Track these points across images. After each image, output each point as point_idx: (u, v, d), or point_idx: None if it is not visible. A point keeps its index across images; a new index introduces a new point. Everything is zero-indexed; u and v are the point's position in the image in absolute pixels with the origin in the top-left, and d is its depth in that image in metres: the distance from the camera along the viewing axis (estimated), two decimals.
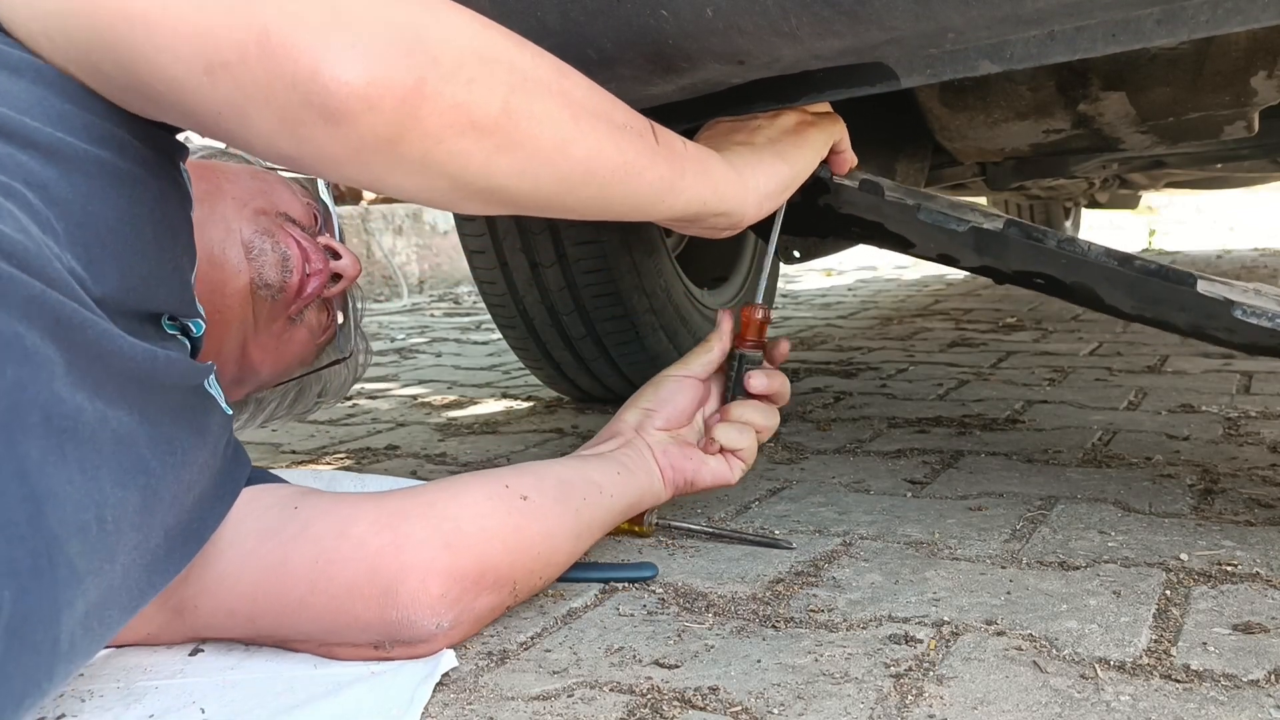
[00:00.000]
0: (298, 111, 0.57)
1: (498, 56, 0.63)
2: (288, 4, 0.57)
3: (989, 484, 1.15)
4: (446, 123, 0.60)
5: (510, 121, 0.62)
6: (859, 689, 0.68)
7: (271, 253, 0.88)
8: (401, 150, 0.60)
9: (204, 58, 0.57)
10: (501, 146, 0.63)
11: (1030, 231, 0.95)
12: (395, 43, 0.58)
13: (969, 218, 0.98)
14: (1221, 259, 4.49)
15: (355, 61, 0.57)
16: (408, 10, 0.60)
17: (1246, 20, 0.69)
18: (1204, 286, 0.88)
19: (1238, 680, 0.68)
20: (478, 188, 0.64)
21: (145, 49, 0.59)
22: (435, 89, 0.59)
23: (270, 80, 0.57)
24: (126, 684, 0.71)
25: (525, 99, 0.63)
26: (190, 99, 0.59)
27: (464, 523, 0.74)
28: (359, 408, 1.89)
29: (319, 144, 0.59)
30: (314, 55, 0.56)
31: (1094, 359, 2.02)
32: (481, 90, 0.61)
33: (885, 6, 0.71)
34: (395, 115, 0.58)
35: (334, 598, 0.72)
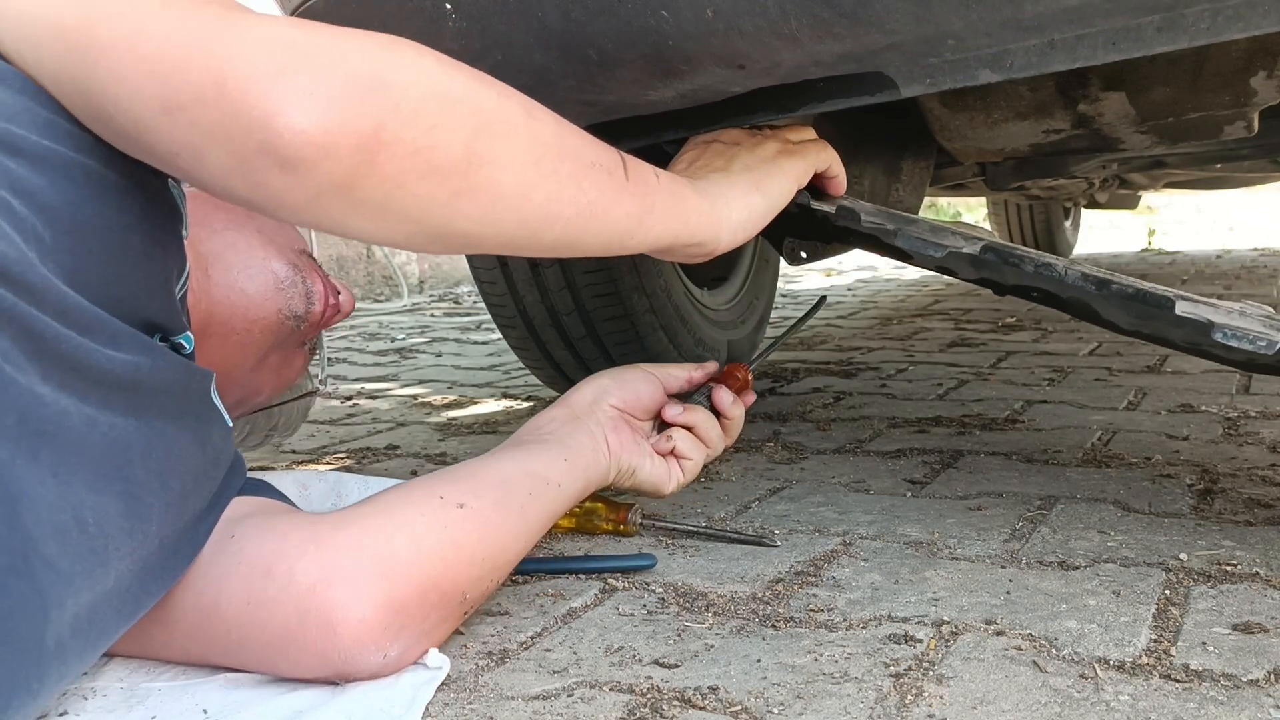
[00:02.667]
0: (253, 157, 0.57)
1: (460, 98, 0.62)
2: (246, 48, 0.57)
3: (989, 484, 1.16)
4: (406, 168, 0.60)
5: (471, 166, 0.62)
6: (859, 689, 0.68)
7: (301, 285, 0.91)
8: (358, 195, 0.59)
9: (162, 97, 0.57)
10: (462, 191, 0.62)
11: (1007, 257, 0.94)
12: (353, 89, 0.57)
13: (947, 242, 0.98)
14: (1221, 259, 4.49)
15: (310, 109, 0.56)
16: (368, 55, 0.59)
17: (1248, 27, 0.69)
18: (1183, 308, 0.87)
19: (1237, 680, 0.68)
20: (440, 232, 0.64)
21: (108, 81, 0.59)
22: (394, 134, 0.58)
23: (226, 124, 0.56)
24: (130, 684, 0.71)
25: (488, 142, 0.63)
26: (149, 136, 0.59)
27: (398, 547, 0.70)
28: (359, 408, 1.89)
29: (274, 189, 0.58)
30: (269, 102, 0.56)
31: (1094, 359, 2.02)
32: (443, 135, 0.61)
33: (885, 8, 0.71)
34: (351, 162, 0.57)
35: (268, 644, 0.69)
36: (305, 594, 0.68)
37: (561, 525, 1.04)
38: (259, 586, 0.69)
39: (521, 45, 0.87)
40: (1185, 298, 0.88)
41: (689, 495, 1.16)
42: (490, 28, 0.88)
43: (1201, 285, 3.30)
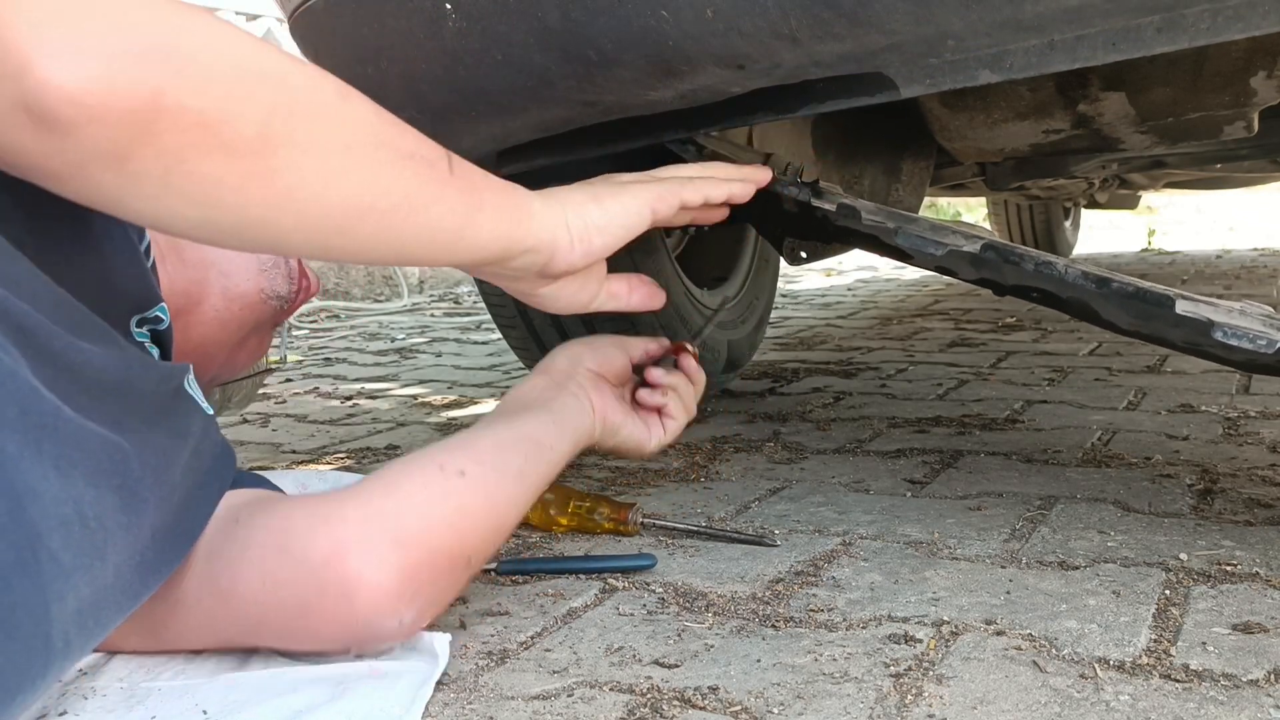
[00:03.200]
0: (8, 111, 0.51)
1: (262, 72, 0.58)
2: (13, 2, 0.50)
3: (989, 484, 1.16)
4: (189, 141, 0.54)
5: (268, 146, 0.57)
6: (859, 689, 0.68)
7: (283, 266, 0.93)
8: (133, 168, 0.54)
9: None
10: (257, 173, 0.57)
11: (1008, 255, 0.95)
12: (129, 46, 0.52)
13: (947, 241, 0.98)
14: (1221, 259, 4.49)
15: (76, 64, 0.50)
16: (156, 15, 0.54)
17: (1247, 28, 0.69)
18: (1184, 307, 0.87)
19: (1237, 680, 0.68)
20: (232, 220, 0.59)
21: None
22: (177, 101, 0.53)
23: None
24: (129, 684, 0.71)
25: (291, 121, 0.58)
26: None
27: (407, 517, 0.71)
28: (359, 408, 1.89)
29: (31, 151, 0.53)
30: (27, 49, 0.49)
31: (1093, 359, 2.02)
32: (237, 107, 0.55)
33: (885, 9, 0.72)
34: (124, 128, 0.52)
35: (288, 620, 0.70)
36: (322, 567, 0.68)
37: (561, 525, 1.04)
38: (274, 565, 0.69)
39: (521, 45, 0.87)
40: (1185, 297, 0.88)
41: (689, 495, 1.16)
42: (490, 28, 0.88)
43: (1201, 285, 3.30)
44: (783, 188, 1.07)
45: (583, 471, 1.28)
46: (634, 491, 1.18)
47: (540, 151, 1.06)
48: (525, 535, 1.04)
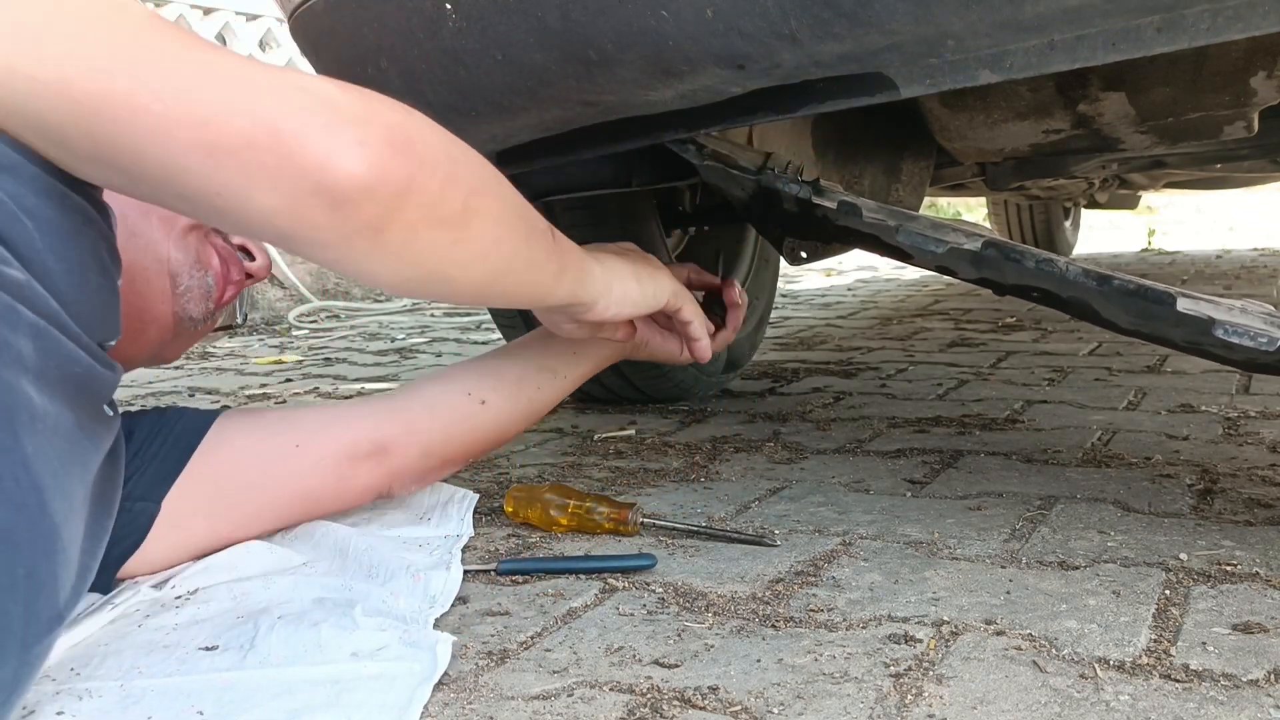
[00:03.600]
0: (305, 198, 0.63)
1: (460, 158, 0.71)
2: (289, 99, 0.62)
3: (989, 484, 1.16)
4: (422, 216, 0.67)
5: (467, 217, 0.70)
6: (859, 688, 0.68)
7: (197, 287, 0.92)
8: (385, 238, 0.66)
9: (204, 140, 0.61)
10: (459, 240, 0.70)
11: (1009, 252, 0.95)
12: (392, 141, 0.65)
13: (948, 238, 0.98)
14: (1221, 259, 4.49)
15: (362, 156, 0.63)
16: (395, 112, 0.67)
17: (1247, 28, 0.69)
18: (1185, 305, 0.87)
19: (1237, 680, 0.68)
20: (432, 276, 0.71)
21: (137, 131, 0.61)
22: (420, 184, 0.66)
23: (280, 166, 0.62)
24: (125, 684, 0.71)
25: (479, 198, 0.71)
26: (188, 181, 0.63)
27: (434, 433, 0.99)
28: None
29: (316, 226, 0.64)
30: (325, 148, 0.62)
31: (1093, 359, 2.02)
32: (451, 189, 0.69)
33: (885, 9, 0.71)
34: (387, 205, 0.65)
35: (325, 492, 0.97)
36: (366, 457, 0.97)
37: (561, 525, 1.04)
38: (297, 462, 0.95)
39: (521, 45, 0.87)
40: (1186, 295, 0.88)
41: (689, 495, 1.16)
42: (490, 28, 0.88)
43: (1201, 285, 3.30)
44: (784, 185, 1.07)
45: (583, 471, 1.28)
46: (634, 491, 1.18)
47: (540, 151, 1.06)
48: (525, 535, 1.04)
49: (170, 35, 0.64)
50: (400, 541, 0.99)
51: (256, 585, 0.85)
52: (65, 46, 0.62)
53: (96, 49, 0.62)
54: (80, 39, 0.62)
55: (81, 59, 0.62)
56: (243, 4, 4.77)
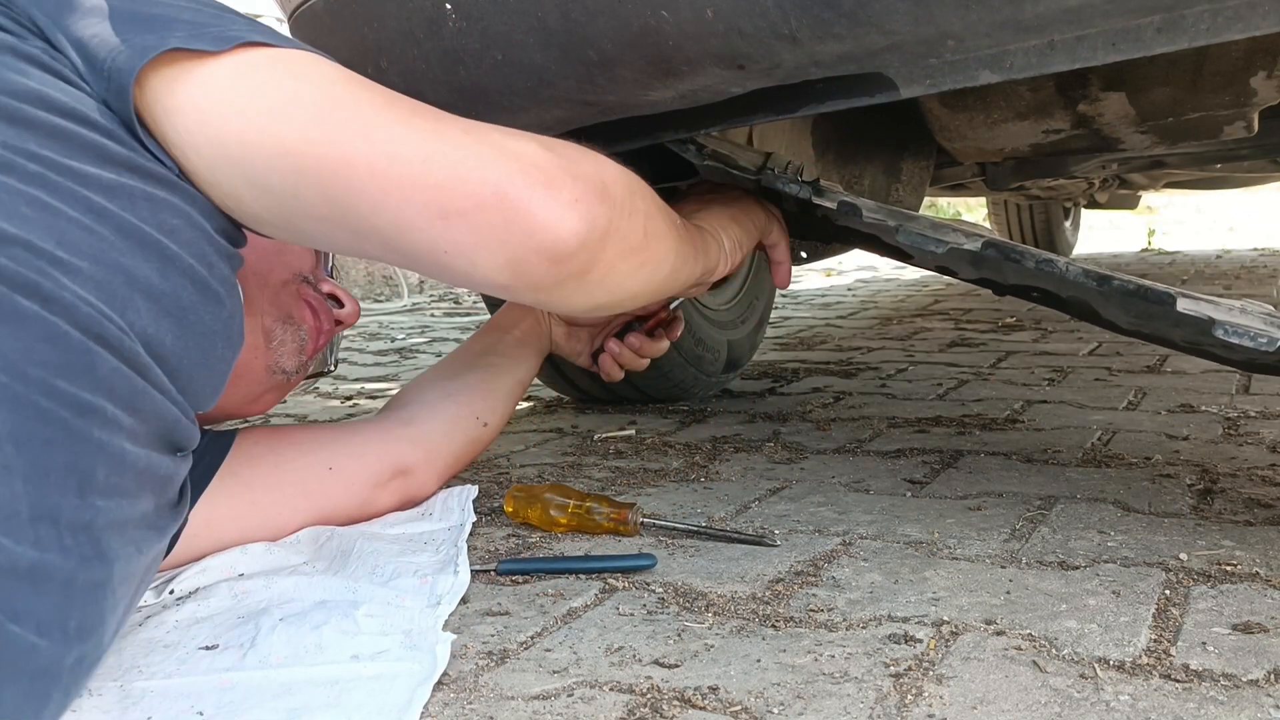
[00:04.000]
0: (529, 254, 0.70)
1: (634, 190, 0.78)
2: (510, 163, 0.69)
3: (989, 484, 1.16)
4: (618, 251, 0.75)
5: (647, 243, 0.79)
6: (859, 688, 0.68)
7: (291, 341, 0.96)
8: (590, 277, 0.74)
9: (439, 206, 0.68)
10: (644, 263, 0.80)
11: (1009, 252, 0.95)
12: (595, 194, 0.72)
13: (948, 239, 0.98)
14: (1221, 259, 4.49)
15: (578, 215, 0.70)
16: (589, 164, 0.74)
17: (1247, 28, 0.69)
18: (1185, 305, 0.87)
19: (1237, 680, 0.68)
20: (619, 296, 0.80)
21: (372, 193, 0.68)
22: (616, 226, 0.74)
23: (507, 226, 0.69)
24: (125, 684, 0.71)
25: (653, 223, 0.80)
26: (416, 239, 0.69)
27: (447, 457, 1.09)
28: (359, 408, 1.89)
29: (536, 277, 0.72)
30: (548, 212, 0.69)
31: (1093, 359, 2.02)
32: (635, 221, 0.77)
33: (885, 9, 0.71)
34: (594, 250, 0.72)
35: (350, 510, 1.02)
36: (390, 478, 1.04)
37: (561, 525, 1.04)
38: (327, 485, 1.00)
39: (521, 45, 0.87)
40: (1186, 295, 0.88)
41: (689, 495, 1.16)
42: (490, 28, 0.88)
43: (1201, 285, 3.30)
44: (784, 185, 1.07)
45: (583, 471, 1.28)
46: (634, 491, 1.18)
47: None
48: (525, 535, 1.04)
49: (397, 103, 0.71)
50: (405, 539, 0.99)
51: (257, 585, 0.85)
52: (314, 117, 0.68)
53: (341, 118, 0.68)
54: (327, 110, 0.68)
55: (329, 128, 0.68)
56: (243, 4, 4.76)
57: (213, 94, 0.68)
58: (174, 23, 0.69)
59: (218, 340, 0.72)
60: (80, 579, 0.59)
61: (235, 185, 0.69)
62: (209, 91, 0.68)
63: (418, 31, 0.93)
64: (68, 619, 0.58)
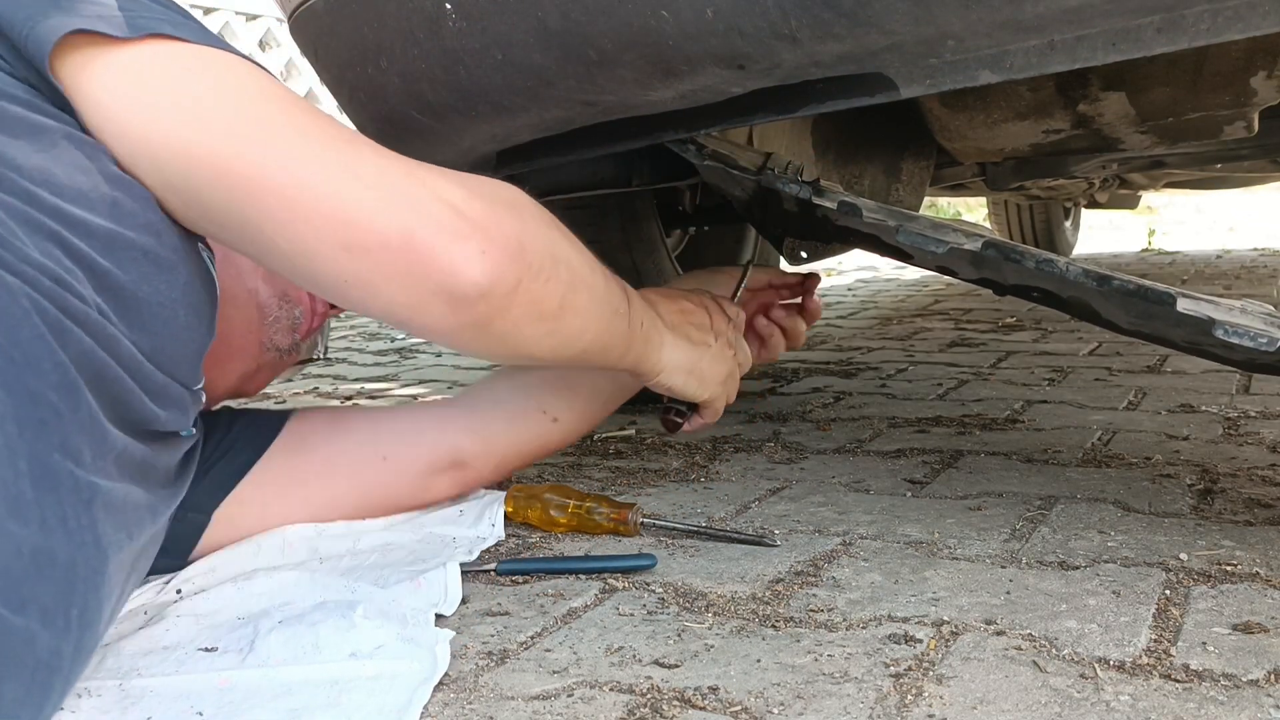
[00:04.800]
0: (426, 295, 0.70)
1: (560, 259, 0.78)
2: (422, 207, 0.69)
3: (989, 484, 1.16)
4: (525, 314, 0.75)
5: (562, 313, 0.78)
6: (859, 689, 0.68)
7: (285, 318, 0.95)
8: (490, 330, 0.74)
9: (343, 238, 0.68)
10: (552, 331, 0.79)
11: (1009, 252, 0.95)
12: (506, 251, 0.72)
13: (948, 239, 0.97)
14: (1221, 259, 4.49)
15: (483, 266, 0.70)
16: (515, 219, 0.74)
17: (1247, 28, 0.69)
18: (1185, 305, 0.87)
19: (1237, 680, 0.68)
20: (521, 356, 0.80)
21: (280, 218, 0.68)
22: (526, 288, 0.74)
23: (409, 268, 0.69)
24: (124, 683, 0.71)
25: (573, 295, 0.79)
26: (320, 266, 0.69)
27: (509, 450, 1.05)
28: (359, 408, 1.89)
29: (433, 319, 0.72)
30: (451, 258, 0.69)
31: (1094, 359, 2.02)
32: (551, 287, 0.76)
33: (885, 9, 0.71)
34: (497, 305, 0.72)
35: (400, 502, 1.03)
36: (448, 468, 1.03)
37: (561, 525, 1.04)
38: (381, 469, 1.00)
39: (521, 45, 0.87)
40: (1186, 295, 0.88)
41: (689, 495, 1.16)
42: (490, 28, 0.88)
43: (1201, 285, 3.30)
44: (784, 185, 1.07)
45: (583, 471, 1.28)
46: (634, 491, 1.18)
47: (540, 151, 1.06)
48: (525, 535, 1.04)
49: (317, 126, 0.70)
50: (435, 538, 0.99)
51: (259, 584, 0.85)
52: (226, 126, 0.67)
53: (253, 133, 0.67)
54: (239, 121, 0.68)
55: (240, 141, 0.67)
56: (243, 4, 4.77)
57: (119, 84, 0.67)
58: (83, 1, 0.68)
59: (179, 309, 0.71)
60: (80, 564, 0.59)
61: (154, 183, 0.69)
62: (115, 81, 0.67)
63: (418, 31, 0.93)
64: (70, 606, 0.58)
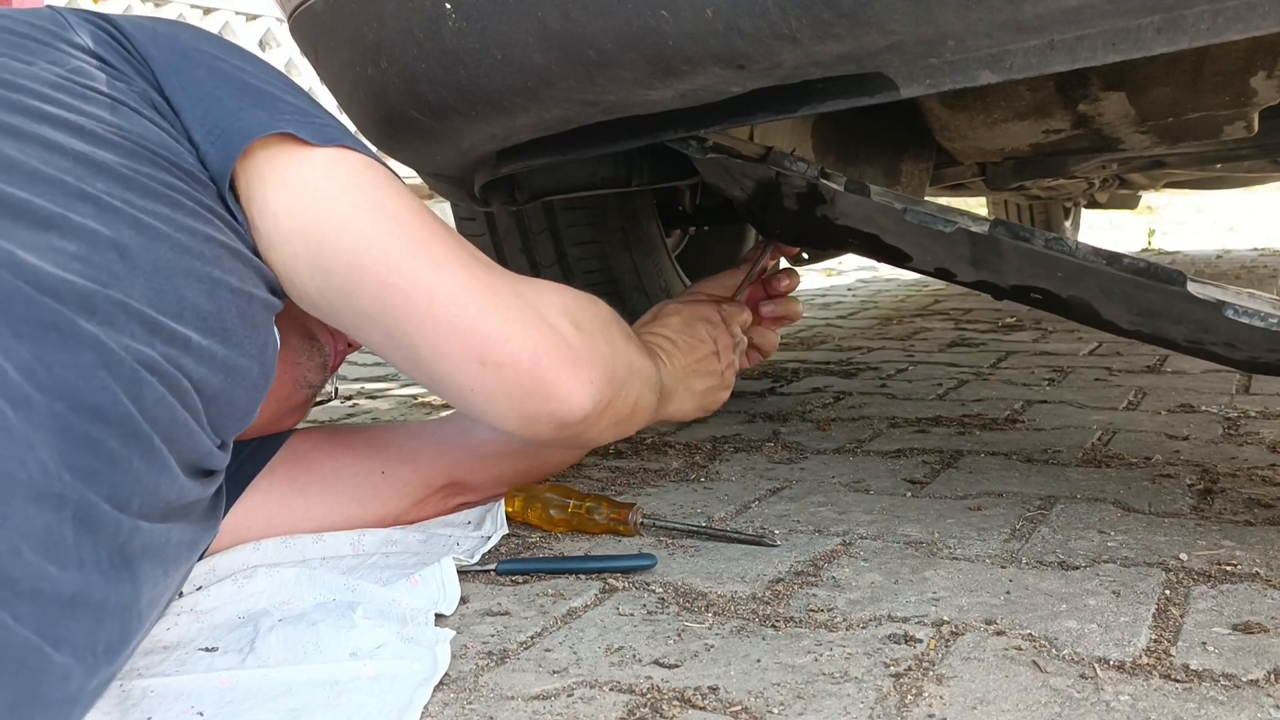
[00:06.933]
0: (540, 415, 0.80)
1: (636, 370, 0.89)
2: (546, 337, 0.79)
3: (989, 484, 1.16)
4: (608, 422, 0.86)
5: (633, 414, 0.90)
6: (859, 689, 0.68)
7: (317, 356, 0.98)
8: (580, 439, 0.87)
9: (478, 352, 0.77)
10: (622, 430, 0.91)
11: (1018, 232, 0.95)
12: (608, 376, 0.83)
13: (956, 219, 0.98)
14: (1221, 259, 4.49)
15: (591, 395, 0.81)
16: (609, 345, 0.85)
17: (1247, 28, 0.69)
18: (1194, 287, 0.87)
19: (1237, 680, 0.68)
20: (587, 445, 0.95)
21: (422, 320, 0.76)
22: (613, 405, 0.85)
23: (531, 390, 0.78)
24: (124, 683, 0.71)
25: (643, 399, 0.91)
26: (450, 371, 0.78)
27: (507, 469, 1.08)
28: (359, 408, 1.89)
29: (540, 432, 0.82)
30: (567, 387, 0.80)
31: (1094, 359, 2.02)
32: (628, 399, 0.88)
33: (885, 9, 0.71)
34: (594, 421, 0.83)
35: (399, 514, 1.03)
36: (440, 485, 1.05)
37: (561, 525, 1.04)
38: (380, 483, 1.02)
39: (521, 45, 0.87)
40: (1196, 279, 0.88)
41: (689, 495, 1.16)
42: (490, 27, 0.88)
43: None
44: (790, 165, 1.07)
45: (583, 471, 1.28)
46: (634, 491, 1.18)
47: (540, 151, 1.06)
48: (525, 535, 1.04)
49: (460, 245, 0.79)
50: (438, 538, 0.99)
51: (259, 582, 0.85)
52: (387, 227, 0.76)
53: (411, 237, 0.76)
54: (398, 225, 0.76)
55: (398, 244, 0.76)
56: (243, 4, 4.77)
57: (309, 180, 0.76)
58: (280, 102, 0.77)
59: (254, 366, 0.75)
60: (112, 601, 0.60)
61: (298, 264, 0.76)
62: (305, 177, 0.76)
63: (418, 31, 0.93)
64: (98, 641, 0.59)
